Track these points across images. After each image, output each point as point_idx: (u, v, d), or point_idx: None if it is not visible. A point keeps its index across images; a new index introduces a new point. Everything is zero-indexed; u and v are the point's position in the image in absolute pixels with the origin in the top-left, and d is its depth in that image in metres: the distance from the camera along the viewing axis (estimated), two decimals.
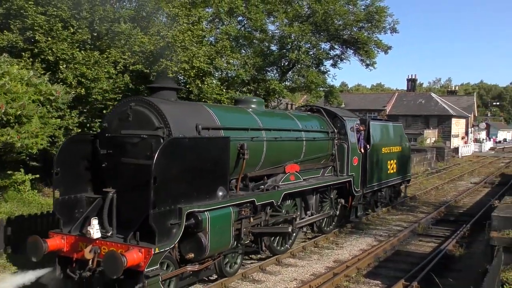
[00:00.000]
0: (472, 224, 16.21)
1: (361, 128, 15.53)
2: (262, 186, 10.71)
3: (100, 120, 15.36)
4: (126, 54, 15.70)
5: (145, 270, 7.44)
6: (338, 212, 14.64)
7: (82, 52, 14.85)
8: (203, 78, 16.95)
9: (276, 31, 20.90)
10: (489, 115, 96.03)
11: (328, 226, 14.44)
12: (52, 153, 12.91)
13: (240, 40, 19.53)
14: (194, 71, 16.30)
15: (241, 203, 9.59)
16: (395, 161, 18.20)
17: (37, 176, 13.61)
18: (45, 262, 8.55)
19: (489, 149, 70.08)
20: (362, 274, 11.24)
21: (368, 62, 22.50)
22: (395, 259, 12.60)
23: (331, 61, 22.97)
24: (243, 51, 19.98)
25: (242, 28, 20.37)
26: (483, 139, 75.13)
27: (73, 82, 14.31)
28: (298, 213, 12.46)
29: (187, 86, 17.43)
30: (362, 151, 15.46)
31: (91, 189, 9.13)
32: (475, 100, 73.54)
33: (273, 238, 11.58)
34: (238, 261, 10.24)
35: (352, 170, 14.67)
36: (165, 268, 8.08)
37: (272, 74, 21.41)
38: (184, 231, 7.98)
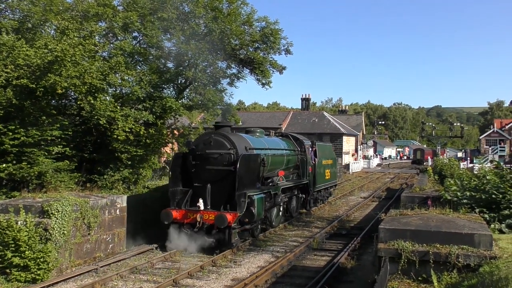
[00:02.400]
0: (362, 237, 17.17)
1: (313, 147, 23.02)
2: (271, 184, 17.86)
3: None
4: (9, 67, 14.66)
5: (232, 225, 14.50)
6: (300, 203, 21.86)
7: None
8: (96, 94, 16.31)
9: (173, 48, 20.75)
10: (375, 133, 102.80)
11: (294, 212, 21.06)
12: None
13: (135, 56, 19.08)
14: (85, 87, 15.62)
15: (265, 192, 16.38)
16: (329, 170, 25.83)
17: None
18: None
19: (377, 165, 74.96)
20: None
21: (263, 81, 23.07)
22: (291, 274, 12.94)
23: (228, 80, 23.27)
24: (139, 68, 19.55)
25: (138, 44, 19.96)
26: (371, 156, 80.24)
27: None
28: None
29: (78, 103, 16.65)
30: (313, 162, 22.48)
31: (182, 185, 16.06)
32: (363, 119, 78.52)
33: (273, 217, 18.33)
34: (259, 230, 17.11)
35: (308, 176, 21.86)
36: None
37: (169, 92, 21.17)
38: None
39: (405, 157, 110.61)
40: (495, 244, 9.69)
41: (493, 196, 12.95)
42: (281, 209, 19.11)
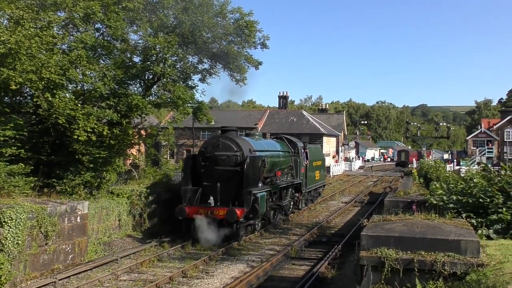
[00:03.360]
0: (343, 245, 17.32)
1: (305, 149, 26.12)
2: (270, 183, 20.64)
3: None
4: None
5: (240, 219, 17.25)
6: (293, 202, 24.59)
7: None
8: (54, 91, 16.05)
9: (139, 41, 20.60)
10: (357, 133, 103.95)
11: (289, 210, 23.97)
12: None
13: (98, 50, 18.84)
14: (43, 82, 15.36)
15: (267, 190, 19.21)
16: (319, 171, 29.15)
17: None
18: None
19: (359, 168, 75.68)
20: None
21: (238, 77, 23.11)
22: (268, 285, 12.98)
23: (199, 76, 23.20)
24: (102, 62, 19.32)
25: (101, 37, 19.72)
26: (353, 158, 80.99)
27: None
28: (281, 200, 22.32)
29: (35, 100, 16.35)
30: (305, 163, 25.57)
31: (191, 184, 18.90)
32: (344, 118, 79.22)
33: (271, 214, 21.16)
34: (260, 225, 19.93)
35: (301, 176, 24.93)
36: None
37: (135, 89, 20.97)
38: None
39: (388, 159, 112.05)
40: (483, 251, 9.87)
41: (481, 200, 13.19)
42: (275, 207, 21.95)
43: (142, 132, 22.55)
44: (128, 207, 18.72)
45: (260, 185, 18.68)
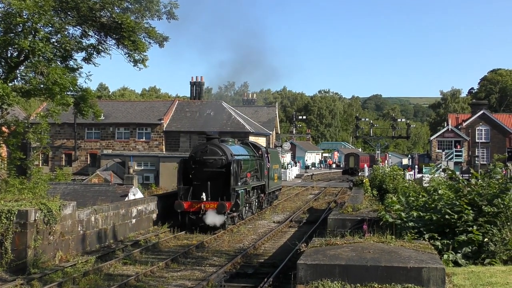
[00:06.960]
0: (275, 277, 17.50)
1: (268, 153, 36.93)
2: (244, 183, 30.35)
3: None
4: None
5: (227, 212, 27.50)
6: (258, 201, 34.45)
7: None
8: None
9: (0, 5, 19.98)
10: (294, 132, 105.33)
11: (255, 209, 33.67)
12: None
13: None
14: None
15: (244, 188, 29.49)
16: (277, 174, 40.48)
17: None
18: None
19: (296, 177, 76.73)
20: None
21: (136, 57, 22.85)
22: None
23: (83, 54, 22.75)
24: None
25: None
26: (288, 164, 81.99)
27: None
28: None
29: None
30: (268, 167, 35.58)
31: (183, 183, 28.73)
32: (277, 112, 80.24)
33: (244, 210, 30.81)
34: (237, 218, 29.70)
35: (265, 178, 35.06)
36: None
37: None
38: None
39: (334, 165, 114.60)
40: (449, 281, 10.32)
41: (447, 216, 13.74)
42: (247, 204, 30.98)
43: (4, 129, 21.85)
44: None
45: (239, 184, 28.20)
